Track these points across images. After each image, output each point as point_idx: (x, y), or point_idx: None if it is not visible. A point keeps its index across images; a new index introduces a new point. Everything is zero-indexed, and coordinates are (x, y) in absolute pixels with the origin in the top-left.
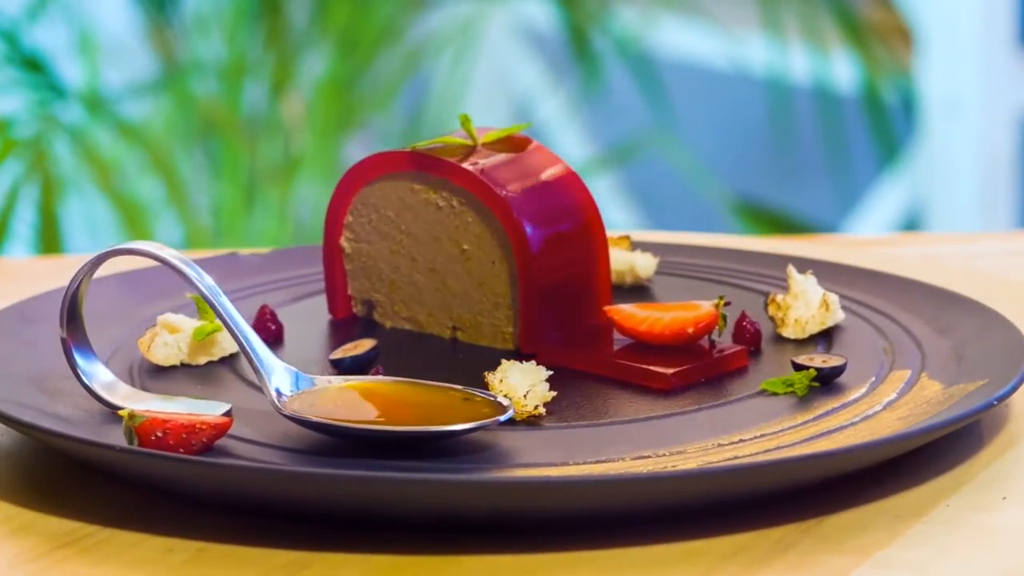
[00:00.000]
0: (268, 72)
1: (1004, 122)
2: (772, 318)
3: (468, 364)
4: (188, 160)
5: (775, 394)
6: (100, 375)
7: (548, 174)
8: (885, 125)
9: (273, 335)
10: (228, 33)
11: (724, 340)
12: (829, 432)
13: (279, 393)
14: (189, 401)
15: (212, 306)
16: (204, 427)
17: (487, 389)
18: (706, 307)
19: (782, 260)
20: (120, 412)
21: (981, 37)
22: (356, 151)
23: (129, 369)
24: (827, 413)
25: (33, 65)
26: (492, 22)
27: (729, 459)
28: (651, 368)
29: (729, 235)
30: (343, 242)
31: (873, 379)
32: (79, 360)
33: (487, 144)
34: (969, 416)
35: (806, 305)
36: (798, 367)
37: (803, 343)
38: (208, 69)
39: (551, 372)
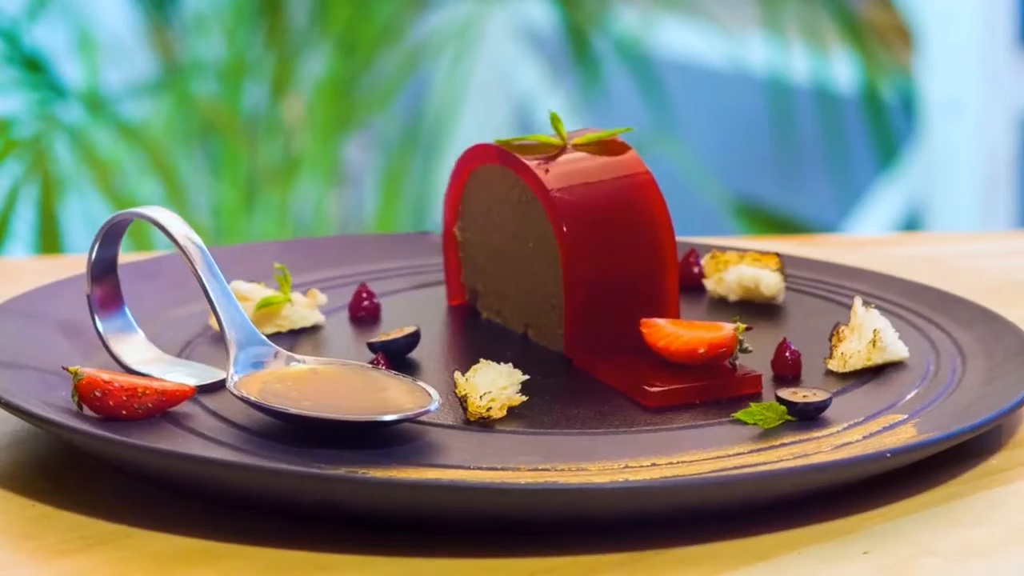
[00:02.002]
0: (268, 72)
1: (1004, 122)
2: (832, 349)
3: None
4: (188, 160)
5: (744, 423)
6: (128, 335)
7: (619, 182)
8: (885, 125)
9: (367, 312)
10: (228, 33)
11: (761, 366)
12: (746, 467)
13: (242, 367)
14: (197, 367)
15: (197, 276)
16: (149, 392)
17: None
18: (727, 329)
19: (923, 290)
20: (70, 369)
21: (981, 37)
22: (356, 151)
23: (194, 335)
24: (769, 448)
25: (33, 65)
26: (492, 22)
27: (619, 481)
28: (641, 384)
29: (870, 252)
30: (456, 230)
31: (859, 419)
32: (103, 318)
33: (577, 145)
34: (846, 465)
35: (859, 339)
36: (780, 400)
37: (845, 376)
38: (208, 69)
39: (526, 377)
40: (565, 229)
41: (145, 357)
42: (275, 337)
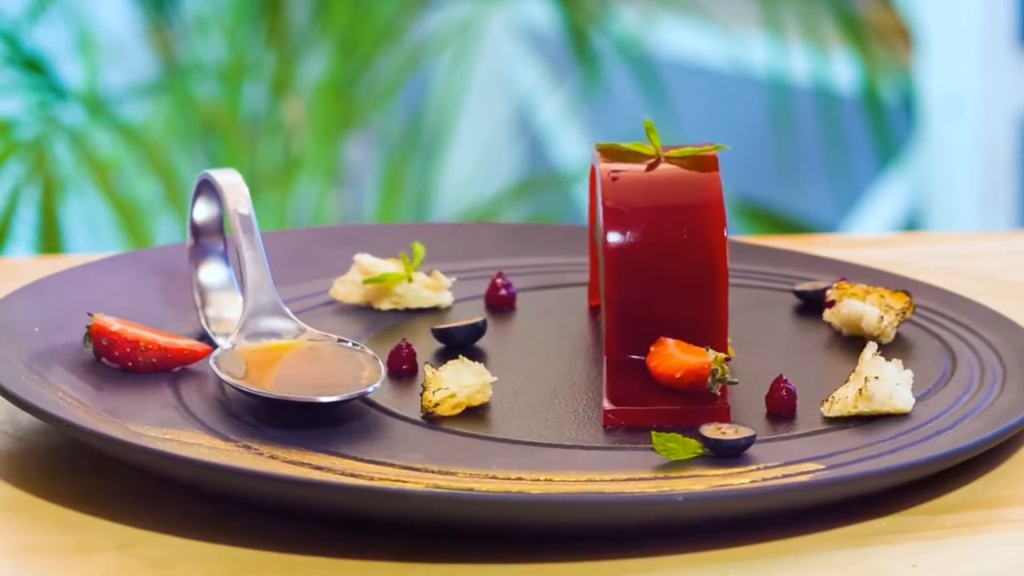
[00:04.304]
0: (268, 73)
1: (1004, 122)
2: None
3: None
4: (188, 161)
5: (654, 451)
6: (222, 293)
7: (683, 202)
8: (885, 125)
9: (502, 301)
10: (228, 34)
11: (750, 398)
12: (583, 492)
13: (246, 336)
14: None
15: (237, 240)
16: (152, 347)
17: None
18: (711, 357)
19: None
20: (92, 315)
21: (981, 37)
22: (356, 151)
23: (311, 301)
24: (649, 479)
25: (34, 66)
26: (492, 22)
27: (465, 488)
28: (605, 400)
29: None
30: (594, 232)
31: (777, 463)
32: (199, 272)
33: (669, 157)
34: (632, 504)
35: (855, 386)
36: (700, 434)
37: (832, 420)
38: (208, 70)
39: (495, 379)
40: (609, 239)
41: (223, 315)
42: (390, 314)
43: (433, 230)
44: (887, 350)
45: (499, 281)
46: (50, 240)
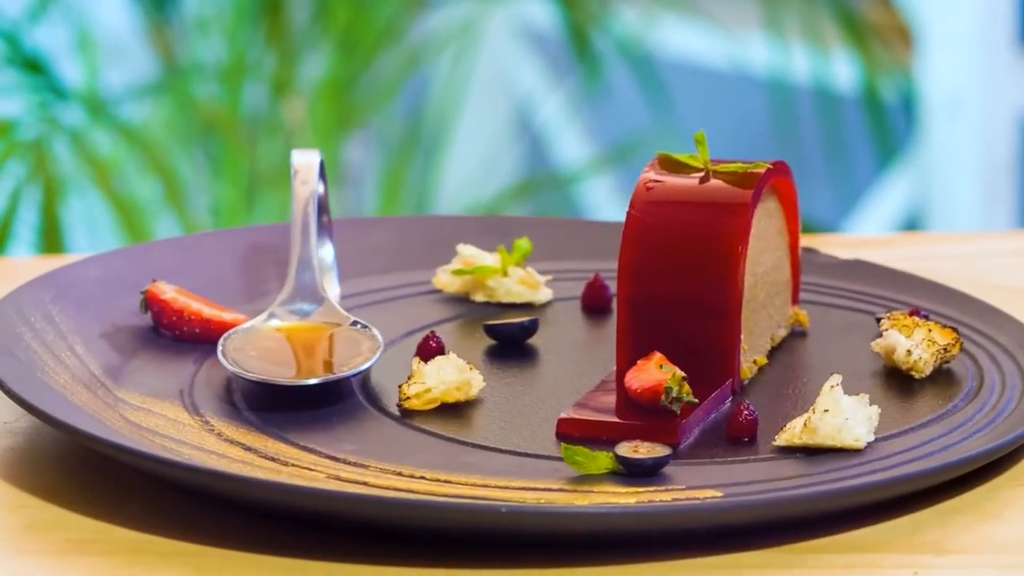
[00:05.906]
0: (268, 73)
1: (1004, 122)
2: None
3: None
4: (188, 162)
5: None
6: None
7: (707, 218)
8: (885, 125)
9: (596, 303)
10: (228, 34)
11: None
12: (479, 498)
13: (272, 317)
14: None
15: (293, 217)
16: (194, 319)
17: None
18: (668, 375)
19: None
20: (154, 280)
21: (981, 37)
22: (356, 151)
23: (415, 288)
24: (541, 490)
25: (34, 66)
26: (492, 22)
27: (357, 482)
28: (568, 409)
29: None
30: None
31: (680, 487)
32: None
33: (715, 172)
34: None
35: (805, 417)
36: (615, 452)
37: (781, 449)
38: (208, 70)
39: (479, 377)
40: (623, 251)
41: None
42: (483, 307)
43: (553, 225)
44: (918, 384)
45: (597, 284)
46: (51, 240)
